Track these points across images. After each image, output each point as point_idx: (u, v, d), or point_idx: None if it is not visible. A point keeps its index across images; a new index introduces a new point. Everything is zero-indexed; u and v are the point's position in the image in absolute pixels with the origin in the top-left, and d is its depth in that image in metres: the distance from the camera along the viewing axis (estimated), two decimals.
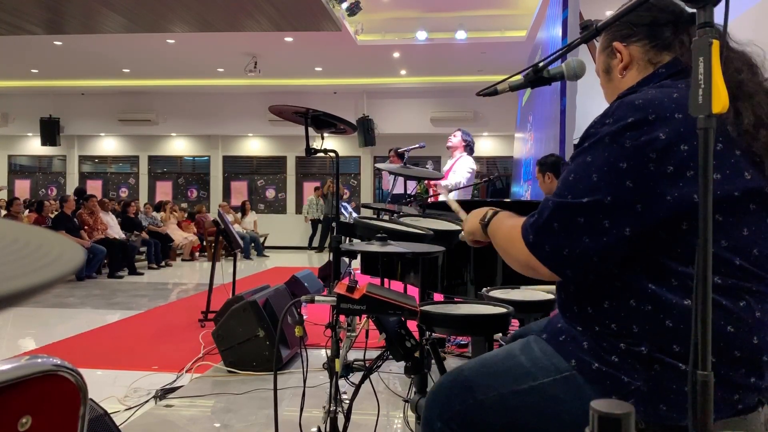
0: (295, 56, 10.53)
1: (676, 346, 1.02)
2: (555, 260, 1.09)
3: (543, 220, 1.10)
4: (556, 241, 1.08)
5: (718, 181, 1.03)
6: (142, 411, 2.94)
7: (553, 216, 1.09)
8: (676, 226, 1.03)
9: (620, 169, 1.03)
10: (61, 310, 5.91)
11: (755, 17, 2.98)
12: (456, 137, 5.03)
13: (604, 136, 1.06)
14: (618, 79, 1.24)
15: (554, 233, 1.08)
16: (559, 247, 1.08)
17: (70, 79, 12.51)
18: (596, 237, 1.05)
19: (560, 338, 1.15)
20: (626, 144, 1.03)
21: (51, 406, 0.71)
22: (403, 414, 2.79)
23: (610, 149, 1.05)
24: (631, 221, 1.04)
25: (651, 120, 1.03)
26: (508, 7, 8.99)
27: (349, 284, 1.55)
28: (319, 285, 5.54)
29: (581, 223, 1.06)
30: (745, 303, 1.03)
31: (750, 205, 1.05)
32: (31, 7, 7.68)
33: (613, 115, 1.07)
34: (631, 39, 1.21)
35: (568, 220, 1.07)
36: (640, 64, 1.21)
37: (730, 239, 1.04)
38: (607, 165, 1.04)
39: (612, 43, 1.24)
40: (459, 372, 1.25)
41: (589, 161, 1.07)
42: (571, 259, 1.08)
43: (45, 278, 0.38)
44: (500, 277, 2.78)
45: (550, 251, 1.09)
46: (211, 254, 7.82)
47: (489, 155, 13.27)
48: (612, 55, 1.25)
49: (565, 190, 1.09)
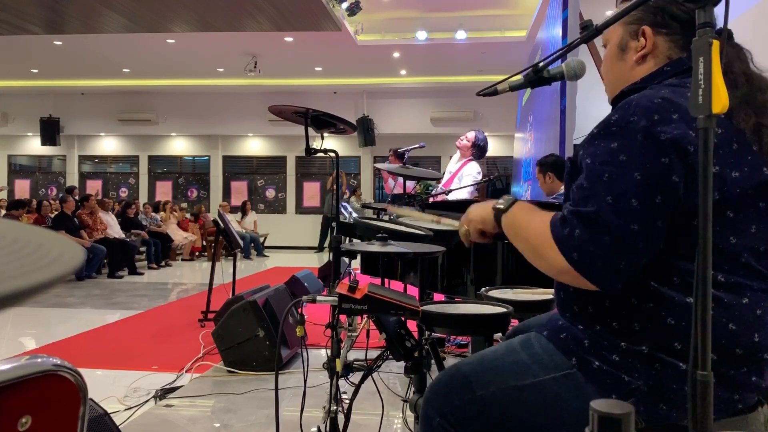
0: (295, 56, 10.53)
1: (677, 344, 1.02)
2: (609, 276, 1.01)
3: (590, 236, 1.00)
4: (610, 256, 0.99)
5: (737, 179, 1.02)
6: (142, 411, 2.94)
7: (603, 229, 0.99)
8: (689, 222, 1.01)
9: (663, 164, 0.99)
10: (61, 310, 5.91)
11: (755, 17, 2.98)
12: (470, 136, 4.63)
13: (635, 132, 1.01)
14: (631, 64, 1.20)
15: (605, 247, 0.99)
16: (615, 262, 1.00)
17: (70, 79, 12.50)
18: (651, 241, 1.00)
19: (561, 335, 1.15)
20: (662, 137, 0.99)
21: (51, 406, 0.71)
22: (402, 414, 2.79)
23: (647, 145, 1.00)
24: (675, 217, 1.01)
25: (675, 118, 1.01)
26: (508, 7, 8.98)
27: (351, 284, 1.55)
28: (319, 285, 5.54)
29: (636, 230, 0.98)
30: (747, 300, 1.03)
31: (760, 203, 1.05)
32: (31, 7, 7.68)
33: (635, 113, 1.03)
34: (662, 30, 1.16)
35: (620, 230, 0.98)
36: (659, 57, 1.17)
37: (739, 235, 1.03)
38: (649, 161, 0.99)
39: (642, 26, 1.18)
40: (458, 367, 1.25)
41: (624, 160, 1.00)
42: (626, 271, 1.01)
43: (45, 278, 0.38)
44: (500, 277, 2.78)
45: (604, 268, 1.00)
46: (211, 254, 7.81)
47: (489, 155, 13.17)
48: (634, 36, 1.19)
49: (604, 193, 1.00)
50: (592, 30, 1.12)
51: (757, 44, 1.16)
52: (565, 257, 1.02)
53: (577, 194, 1.05)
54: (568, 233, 1.02)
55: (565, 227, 1.03)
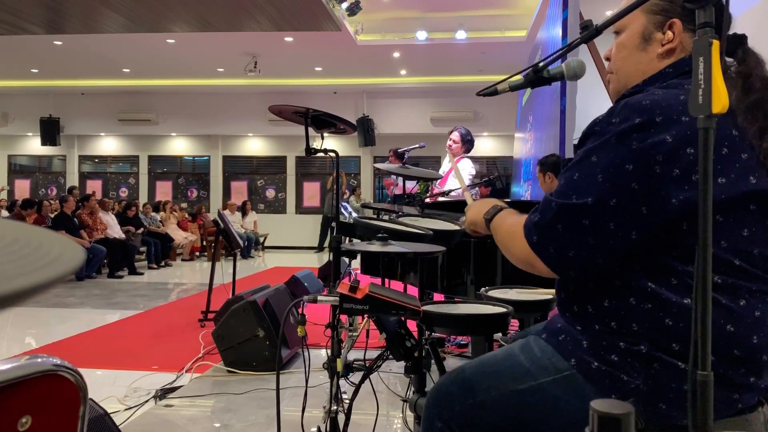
0: (295, 56, 10.53)
1: (676, 345, 1.02)
2: (559, 262, 1.09)
3: (547, 221, 1.08)
4: (561, 243, 1.07)
5: (723, 185, 1.02)
6: (142, 411, 2.94)
7: (558, 217, 1.07)
8: (677, 226, 1.02)
9: (626, 171, 1.02)
10: (61, 310, 5.91)
11: (755, 17, 2.98)
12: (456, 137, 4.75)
13: (611, 137, 1.04)
14: (653, 56, 1.16)
15: (558, 235, 1.07)
16: (564, 249, 1.07)
17: (70, 79, 12.50)
18: (601, 239, 1.05)
19: (560, 337, 1.15)
20: (633, 145, 1.02)
21: (51, 405, 0.71)
22: (402, 414, 2.79)
23: (616, 150, 1.03)
24: (636, 223, 1.03)
25: (658, 122, 1.02)
26: (508, 7, 8.99)
27: (352, 284, 1.55)
28: (319, 285, 5.54)
29: (586, 225, 1.05)
30: (745, 302, 1.03)
31: (750, 205, 1.05)
32: (31, 7, 7.68)
33: (619, 114, 1.05)
34: (690, 27, 1.12)
35: (572, 222, 1.06)
36: (680, 55, 1.14)
37: (730, 240, 1.03)
38: (613, 166, 1.03)
39: (672, 18, 1.13)
40: (459, 372, 1.25)
41: (594, 161, 1.05)
42: (576, 261, 1.07)
43: (45, 278, 0.38)
44: (500, 277, 2.78)
45: (555, 253, 1.08)
46: (211, 254, 7.81)
47: (489, 155, 13.26)
48: (660, 27, 1.15)
49: (569, 190, 1.07)
50: (592, 30, 1.12)
51: (757, 44, 1.16)
52: (527, 240, 1.11)
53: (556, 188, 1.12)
54: (531, 219, 1.12)
55: (534, 215, 1.12)
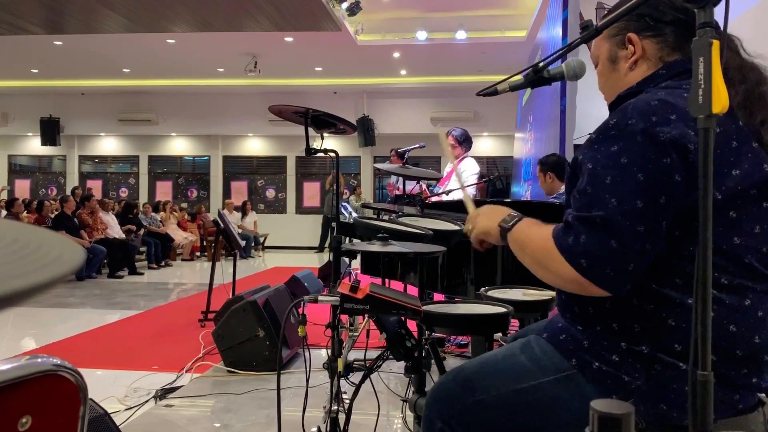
0: (295, 56, 10.53)
1: (678, 345, 1.02)
2: (619, 280, 1.00)
3: (596, 241, 0.99)
4: (619, 260, 0.99)
5: (738, 176, 1.02)
6: (142, 411, 2.94)
7: (608, 232, 0.98)
8: (691, 222, 1.00)
9: (665, 164, 0.99)
10: (61, 310, 5.90)
11: (755, 17, 2.98)
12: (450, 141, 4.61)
13: (636, 136, 1.01)
14: (624, 71, 1.20)
15: (613, 252, 0.98)
16: (623, 264, 0.99)
17: (70, 79, 12.50)
18: (656, 243, 1.00)
19: (561, 337, 1.15)
20: (662, 137, 0.99)
21: (51, 406, 0.71)
22: (402, 414, 2.79)
23: (648, 146, 1.00)
24: (679, 220, 1.01)
25: (673, 119, 1.01)
26: (508, 7, 8.99)
27: (353, 284, 1.55)
28: (319, 285, 5.54)
29: (641, 232, 0.98)
30: (749, 302, 1.03)
31: (764, 203, 1.05)
32: (31, 7, 7.68)
33: (632, 116, 1.03)
34: (647, 33, 1.17)
35: (627, 233, 0.98)
36: (651, 60, 1.17)
37: (743, 236, 1.03)
38: (651, 162, 0.99)
39: (627, 34, 1.19)
40: (459, 371, 1.25)
41: (625, 162, 1.00)
42: (636, 273, 1.00)
43: (45, 278, 0.38)
44: (500, 277, 2.78)
45: (613, 273, 0.99)
46: (211, 254, 7.81)
47: (489, 155, 13.26)
48: (622, 45, 1.20)
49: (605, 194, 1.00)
50: (592, 30, 1.12)
51: (757, 44, 1.16)
52: (572, 265, 1.01)
53: (579, 200, 1.04)
54: (573, 241, 1.02)
55: (569, 235, 1.02)
